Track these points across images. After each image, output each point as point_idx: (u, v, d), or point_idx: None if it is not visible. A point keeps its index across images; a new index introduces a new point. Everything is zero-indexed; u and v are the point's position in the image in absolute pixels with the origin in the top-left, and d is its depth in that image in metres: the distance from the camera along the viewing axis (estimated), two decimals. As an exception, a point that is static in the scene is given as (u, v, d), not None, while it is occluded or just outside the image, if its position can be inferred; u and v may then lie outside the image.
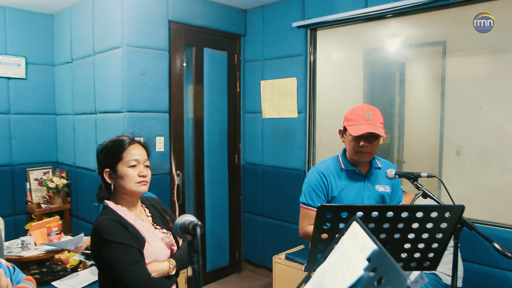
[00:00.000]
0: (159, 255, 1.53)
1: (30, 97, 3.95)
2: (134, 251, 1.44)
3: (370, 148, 1.86)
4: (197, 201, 3.79)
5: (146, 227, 1.56)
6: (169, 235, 1.63)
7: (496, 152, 2.73)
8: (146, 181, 1.56)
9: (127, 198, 1.56)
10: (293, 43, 3.63)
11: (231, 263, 4.09)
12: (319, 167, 1.98)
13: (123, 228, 1.46)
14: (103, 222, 1.46)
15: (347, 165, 1.96)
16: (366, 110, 1.88)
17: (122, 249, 1.42)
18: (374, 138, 1.85)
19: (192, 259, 0.89)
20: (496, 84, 2.74)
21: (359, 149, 1.86)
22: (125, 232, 1.45)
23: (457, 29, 2.90)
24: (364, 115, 1.85)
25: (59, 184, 3.77)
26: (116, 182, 1.53)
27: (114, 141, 1.59)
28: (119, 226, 1.45)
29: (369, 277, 0.72)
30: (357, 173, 1.95)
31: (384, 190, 1.96)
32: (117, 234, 1.43)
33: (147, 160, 1.59)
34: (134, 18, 3.15)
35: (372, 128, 1.81)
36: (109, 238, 1.42)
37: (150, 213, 1.68)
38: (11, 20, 3.80)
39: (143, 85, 3.23)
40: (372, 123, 1.84)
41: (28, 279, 1.51)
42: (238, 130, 4.09)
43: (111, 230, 1.43)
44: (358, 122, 1.84)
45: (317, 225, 1.34)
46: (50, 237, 2.98)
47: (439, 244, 1.38)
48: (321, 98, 3.61)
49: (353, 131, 1.83)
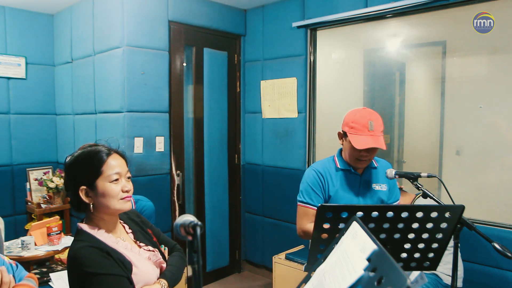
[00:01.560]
0: (148, 278, 1.38)
1: (30, 97, 3.95)
2: (122, 281, 1.27)
3: (369, 157, 1.88)
4: (197, 201, 3.79)
5: (130, 248, 1.39)
6: (156, 252, 1.48)
7: (496, 152, 2.73)
8: (130, 196, 1.38)
9: (107, 218, 1.37)
10: (293, 43, 3.63)
11: (231, 263, 4.09)
12: (316, 167, 1.99)
13: (106, 255, 1.27)
14: (81, 252, 1.26)
15: (343, 164, 1.97)
16: (368, 119, 1.85)
17: (108, 280, 1.24)
18: (374, 148, 1.85)
19: (192, 259, 0.89)
20: (496, 84, 2.74)
21: (359, 157, 1.87)
22: (109, 260, 1.27)
23: (457, 29, 2.90)
24: (367, 125, 1.83)
25: (59, 184, 3.76)
26: (96, 200, 1.33)
27: (88, 152, 1.36)
28: (100, 254, 1.26)
29: (369, 277, 0.72)
30: (353, 172, 1.96)
31: (380, 189, 1.96)
32: (101, 264, 1.24)
33: (128, 172, 1.40)
34: (134, 18, 3.15)
35: (374, 142, 1.80)
36: (92, 271, 1.23)
37: (130, 229, 1.49)
38: (11, 20, 3.80)
39: (143, 85, 3.23)
40: (374, 134, 1.83)
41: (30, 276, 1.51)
42: (238, 130, 4.09)
43: (92, 260, 1.24)
44: (360, 133, 1.83)
45: (317, 225, 1.34)
46: (50, 237, 2.99)
47: (439, 244, 1.38)
48: (321, 98, 3.61)
49: (355, 143, 1.82)
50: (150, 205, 2.94)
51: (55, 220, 3.17)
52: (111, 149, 1.41)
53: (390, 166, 2.05)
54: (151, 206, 2.95)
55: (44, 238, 3.02)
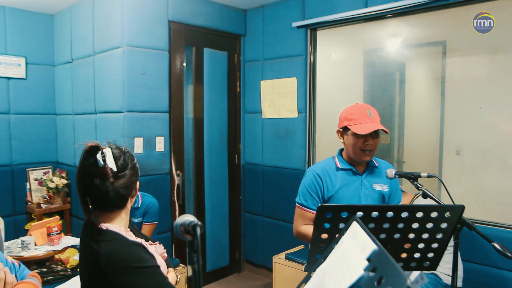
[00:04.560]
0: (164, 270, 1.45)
1: (30, 97, 3.95)
2: (160, 271, 1.36)
3: (374, 145, 1.88)
4: (197, 201, 3.79)
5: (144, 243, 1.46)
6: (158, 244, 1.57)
7: (496, 152, 2.73)
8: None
9: (125, 217, 1.42)
10: (293, 43, 3.63)
11: (231, 263, 4.09)
12: (315, 168, 1.99)
13: (145, 250, 1.35)
14: (124, 249, 1.30)
15: (344, 164, 1.97)
16: (366, 108, 1.89)
17: (153, 271, 1.33)
18: (376, 135, 1.88)
19: (192, 259, 0.89)
20: (496, 84, 2.74)
21: (364, 147, 1.87)
22: (148, 254, 1.35)
23: (457, 29, 2.90)
24: (366, 114, 1.86)
25: (59, 184, 3.77)
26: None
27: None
28: (142, 249, 1.34)
29: (369, 277, 0.72)
30: (354, 171, 1.95)
31: (382, 189, 1.95)
32: (144, 258, 1.32)
33: None
34: (134, 18, 3.15)
35: (377, 126, 1.83)
36: (139, 265, 1.29)
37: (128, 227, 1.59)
38: (11, 20, 3.80)
39: (143, 85, 3.23)
40: (374, 120, 1.86)
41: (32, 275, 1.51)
42: (238, 130, 4.09)
43: (138, 255, 1.31)
44: (361, 121, 1.85)
45: (317, 225, 1.34)
46: (50, 237, 2.99)
47: (439, 244, 1.38)
48: (321, 98, 3.61)
49: (359, 130, 1.83)
50: (155, 202, 3.00)
51: (55, 220, 3.17)
52: None
53: (392, 166, 2.04)
54: (156, 203, 3.01)
55: (44, 238, 3.02)
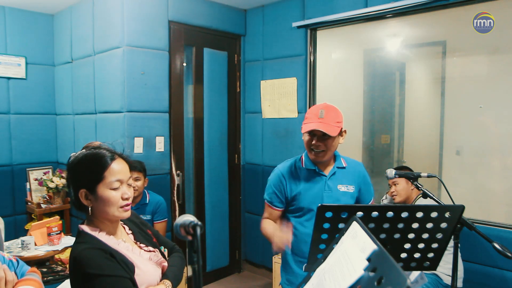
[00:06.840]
0: (151, 279, 1.38)
1: (30, 97, 3.95)
2: (126, 282, 1.25)
3: (323, 147, 1.87)
4: (197, 201, 3.79)
5: (131, 249, 1.38)
6: (157, 252, 1.47)
7: (496, 152, 2.73)
8: (129, 204, 1.35)
9: (107, 222, 1.35)
10: (293, 43, 3.63)
11: (231, 263, 4.09)
12: (281, 168, 2.02)
13: (109, 257, 1.25)
14: (85, 253, 1.24)
15: (308, 164, 1.97)
16: (320, 108, 1.88)
17: (112, 282, 1.23)
18: (327, 137, 1.85)
19: (192, 259, 0.89)
20: (496, 84, 2.74)
21: (311, 147, 1.89)
22: (112, 262, 1.25)
23: (457, 29, 2.90)
24: (317, 114, 1.86)
25: (59, 184, 3.76)
26: (95, 205, 1.31)
27: (92, 155, 1.32)
28: (104, 255, 1.25)
29: (369, 277, 0.72)
30: (317, 172, 1.95)
31: (347, 190, 1.94)
32: (104, 266, 1.23)
33: (130, 178, 1.38)
34: (134, 18, 3.15)
35: (320, 126, 1.81)
36: (96, 272, 1.21)
37: (130, 230, 1.49)
38: (11, 20, 3.80)
39: (143, 85, 3.23)
40: (323, 121, 1.84)
41: (32, 270, 1.49)
42: (238, 130, 4.09)
43: (96, 262, 1.22)
44: (310, 120, 1.87)
45: (317, 225, 1.34)
46: (50, 237, 2.99)
47: (439, 244, 1.38)
48: (321, 98, 3.61)
49: (303, 128, 1.88)
50: (163, 200, 3.06)
51: (55, 220, 3.17)
52: (115, 153, 1.36)
53: (362, 166, 2.04)
54: (164, 201, 3.07)
55: (44, 238, 3.02)
